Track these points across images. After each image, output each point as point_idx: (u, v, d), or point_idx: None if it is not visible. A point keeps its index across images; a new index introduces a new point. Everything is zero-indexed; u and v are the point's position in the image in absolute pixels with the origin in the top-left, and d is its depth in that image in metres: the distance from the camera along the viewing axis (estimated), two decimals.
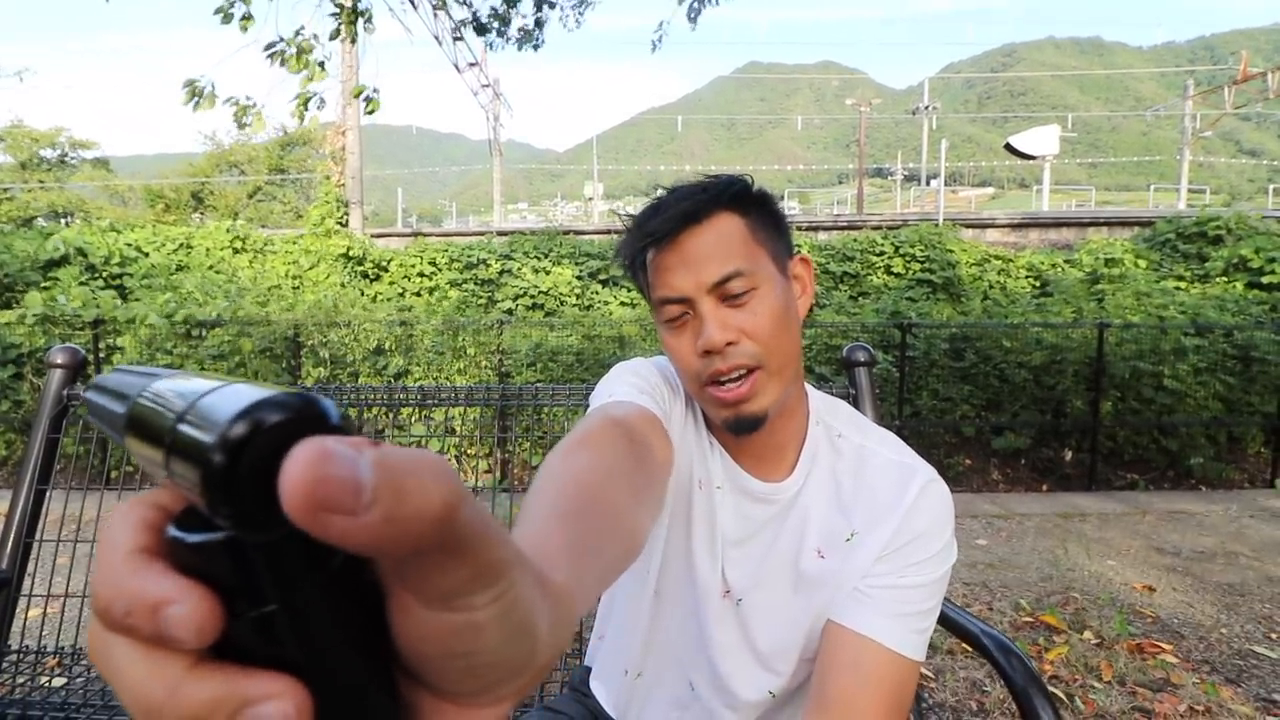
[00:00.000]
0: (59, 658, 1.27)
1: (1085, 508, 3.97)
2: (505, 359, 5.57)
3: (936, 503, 0.74)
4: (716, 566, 0.78)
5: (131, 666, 0.18)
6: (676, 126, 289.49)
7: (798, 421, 0.78)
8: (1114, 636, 2.36)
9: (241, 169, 28.86)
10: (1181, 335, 5.45)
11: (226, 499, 0.17)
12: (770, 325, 0.70)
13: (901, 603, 0.71)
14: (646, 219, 0.73)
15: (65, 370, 1.34)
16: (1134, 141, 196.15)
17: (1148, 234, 10.44)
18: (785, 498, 0.77)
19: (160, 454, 0.19)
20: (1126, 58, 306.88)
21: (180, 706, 0.18)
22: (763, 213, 0.74)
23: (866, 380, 1.30)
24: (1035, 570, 3.03)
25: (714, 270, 0.70)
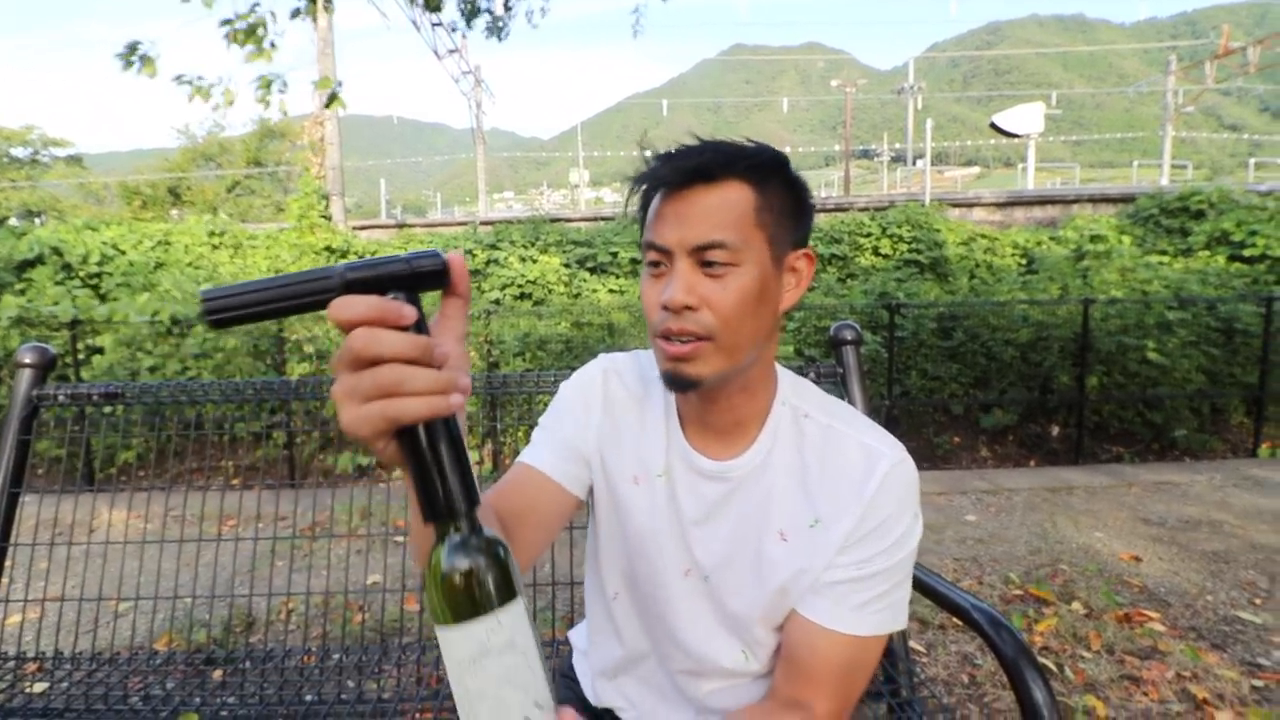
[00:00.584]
0: (40, 663, 1.25)
1: (1072, 481, 4.01)
2: (493, 348, 5.53)
3: (899, 487, 0.73)
4: (667, 546, 0.80)
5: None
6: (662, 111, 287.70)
7: (759, 401, 0.78)
8: (1102, 607, 2.39)
9: (218, 163, 28.39)
10: (1165, 309, 5.50)
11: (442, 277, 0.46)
12: (734, 304, 0.70)
13: (863, 592, 0.72)
14: (664, 161, 0.72)
15: (34, 370, 1.30)
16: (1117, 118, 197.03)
17: (1131, 210, 10.50)
18: (739, 474, 0.77)
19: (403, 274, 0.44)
20: (1109, 34, 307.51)
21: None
22: (781, 194, 0.73)
23: (854, 359, 1.29)
24: (1024, 544, 3.05)
25: (699, 234, 0.69)
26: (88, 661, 1.23)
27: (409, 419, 0.41)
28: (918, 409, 5.57)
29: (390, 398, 0.41)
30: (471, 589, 0.43)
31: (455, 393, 0.42)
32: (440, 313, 0.49)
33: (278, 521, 1.91)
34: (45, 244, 8.13)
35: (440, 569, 0.44)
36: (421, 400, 0.41)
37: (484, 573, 0.44)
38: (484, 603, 0.43)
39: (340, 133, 12.13)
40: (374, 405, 0.41)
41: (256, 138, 28.00)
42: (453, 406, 0.42)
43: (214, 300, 0.42)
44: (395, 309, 0.41)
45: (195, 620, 1.96)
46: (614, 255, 9.26)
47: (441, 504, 0.43)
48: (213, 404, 1.40)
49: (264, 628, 1.90)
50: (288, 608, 1.93)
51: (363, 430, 0.41)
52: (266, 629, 1.50)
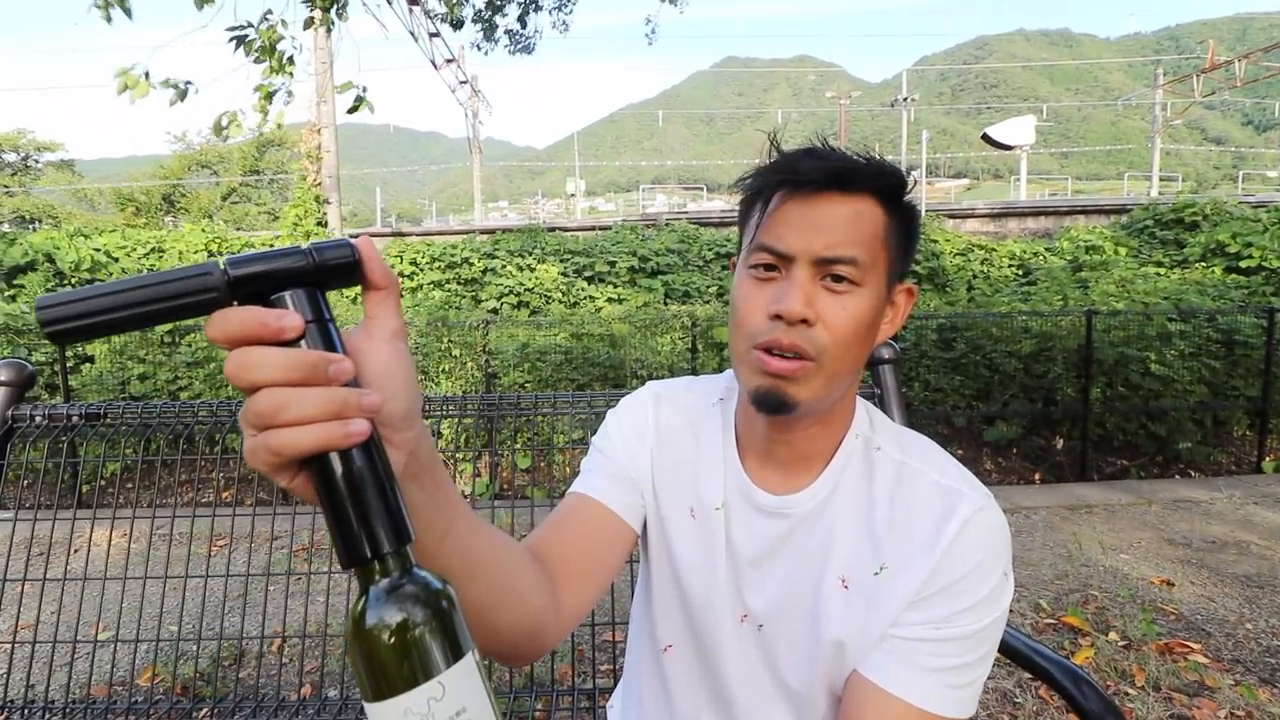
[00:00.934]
0: (7, 713, 1.14)
1: (1091, 499, 3.94)
2: (492, 359, 5.43)
3: (983, 537, 0.64)
4: (722, 589, 0.71)
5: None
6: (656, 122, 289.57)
7: (833, 433, 0.70)
8: (1140, 636, 2.31)
9: (214, 170, 28.28)
10: (1166, 321, 5.47)
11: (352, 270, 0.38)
12: (851, 328, 0.63)
13: (937, 656, 0.62)
14: (797, 159, 0.65)
15: (10, 388, 1.21)
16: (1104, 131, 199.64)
17: (1125, 221, 10.55)
18: (800, 512, 0.69)
19: (302, 269, 0.36)
20: (1095, 48, 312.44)
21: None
22: (903, 221, 0.67)
23: (893, 378, 1.21)
24: (1050, 567, 2.97)
25: (831, 245, 0.62)
26: (61, 710, 1.13)
27: (294, 453, 0.34)
28: (920, 421, 5.50)
29: (271, 429, 0.34)
30: (405, 650, 0.34)
31: (355, 417, 0.34)
32: (365, 312, 0.41)
33: (270, 543, 1.81)
34: (38, 250, 7.99)
35: (363, 629, 0.34)
36: (307, 430, 0.34)
37: (422, 628, 0.34)
38: (423, 666, 0.34)
39: (337, 141, 12.06)
40: (259, 438, 0.34)
41: (254, 146, 27.93)
42: (350, 436, 0.34)
43: (53, 308, 0.32)
44: (270, 323, 0.33)
45: (182, 653, 1.86)
46: (611, 264, 9.20)
47: (358, 545, 0.35)
48: (202, 424, 1.31)
49: (255, 660, 1.79)
50: (281, 636, 1.82)
51: (255, 463, 0.35)
52: (259, 662, 1.40)
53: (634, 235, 9.96)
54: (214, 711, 1.31)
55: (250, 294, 0.35)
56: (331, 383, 0.35)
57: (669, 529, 0.75)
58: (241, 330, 0.33)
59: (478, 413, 1.51)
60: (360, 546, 0.35)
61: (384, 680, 0.34)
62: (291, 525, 1.37)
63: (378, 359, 0.40)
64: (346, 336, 0.39)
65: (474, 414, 1.51)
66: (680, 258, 9.40)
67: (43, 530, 1.37)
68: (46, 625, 1.39)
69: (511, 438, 4.72)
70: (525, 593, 0.59)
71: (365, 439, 0.35)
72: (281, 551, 2.80)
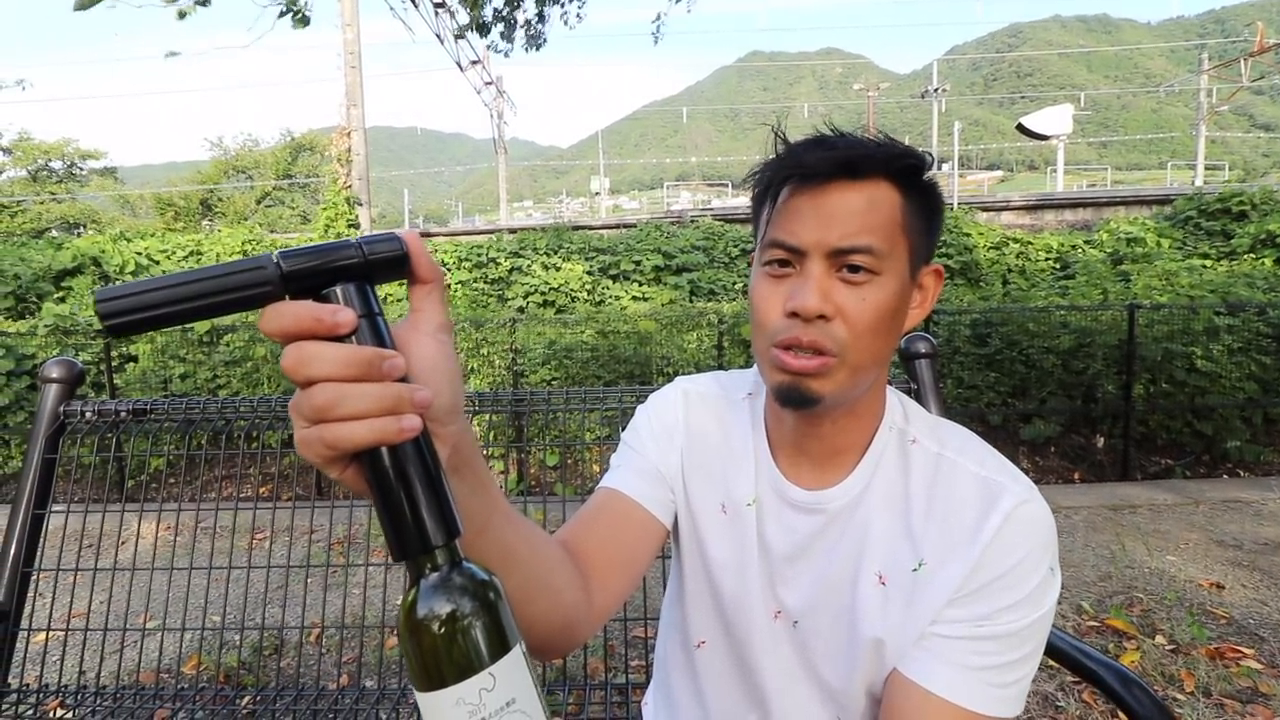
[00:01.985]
0: (62, 697, 1.19)
1: (1134, 498, 3.82)
2: (519, 357, 5.48)
3: (1028, 532, 0.61)
4: (754, 586, 0.70)
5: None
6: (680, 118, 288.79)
7: (865, 427, 0.69)
8: (1188, 641, 2.23)
9: (249, 174, 29.01)
10: (1213, 315, 5.28)
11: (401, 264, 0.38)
12: (872, 319, 0.61)
13: (980, 654, 0.60)
14: (803, 149, 0.63)
15: (61, 385, 1.25)
16: (1145, 119, 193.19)
17: (1169, 212, 10.20)
18: (834, 507, 0.68)
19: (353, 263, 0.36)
20: (1134, 34, 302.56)
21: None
22: (923, 203, 0.65)
23: (929, 373, 1.19)
24: (1092, 569, 2.89)
25: (844, 235, 0.60)
26: (112, 694, 1.17)
27: (349, 446, 0.34)
28: (953, 418, 5.30)
29: (326, 422, 0.34)
30: (456, 641, 0.34)
31: (408, 413, 0.35)
32: (410, 306, 0.41)
33: (309, 535, 1.86)
34: (84, 254, 8.29)
35: (415, 620, 0.35)
36: (362, 425, 0.34)
37: (472, 619, 0.35)
38: (474, 656, 0.34)
39: (367, 144, 12.26)
40: (312, 430, 0.35)
41: (286, 150, 28.58)
42: (404, 431, 0.35)
43: (112, 301, 0.33)
44: (324, 319, 0.34)
45: (224, 642, 1.92)
46: (637, 263, 9.20)
47: (411, 539, 0.36)
48: (243, 420, 1.34)
49: (294, 650, 1.84)
50: (319, 627, 1.86)
51: (308, 455, 0.36)
52: (298, 652, 1.43)
53: (659, 233, 9.94)
54: (256, 699, 1.34)
55: (302, 288, 0.35)
56: (385, 378, 0.35)
57: (700, 526, 0.74)
58: (296, 325, 0.34)
59: (506, 410, 1.52)
60: (412, 539, 0.36)
61: (436, 671, 0.34)
62: (330, 519, 1.39)
63: (424, 353, 0.40)
64: (394, 331, 0.39)
65: (502, 411, 1.52)
66: (706, 254, 9.36)
67: (92, 523, 1.42)
68: (96, 614, 1.44)
69: (539, 434, 4.75)
70: (559, 587, 0.59)
71: (417, 434, 0.35)
72: (319, 544, 2.86)
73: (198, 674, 1.84)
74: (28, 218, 26.57)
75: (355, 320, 0.35)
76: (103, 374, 5.27)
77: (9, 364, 5.36)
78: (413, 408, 0.35)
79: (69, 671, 1.75)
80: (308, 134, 28.09)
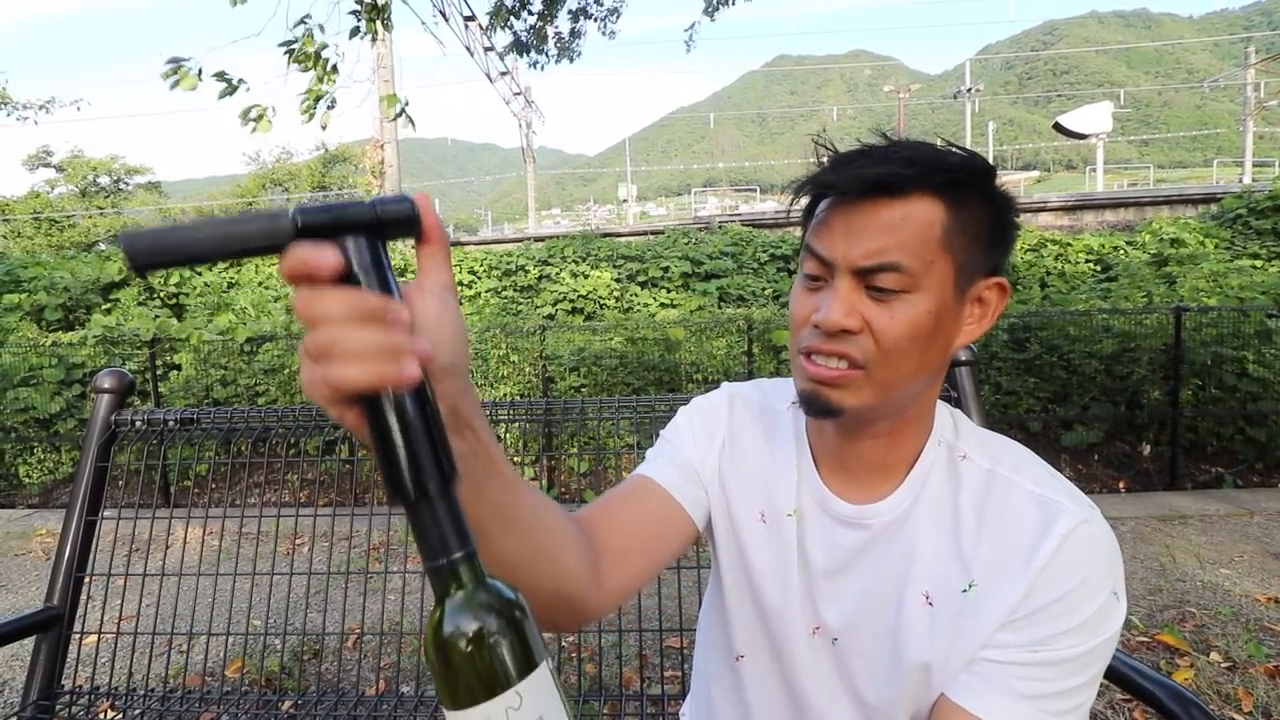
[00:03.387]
0: (112, 700, 1.23)
1: (1184, 509, 3.68)
2: (548, 364, 5.51)
3: (1087, 553, 0.58)
4: (795, 599, 0.69)
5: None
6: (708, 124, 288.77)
7: (910, 441, 0.67)
8: (1245, 658, 2.13)
9: (285, 187, 29.82)
10: (1265, 318, 5.07)
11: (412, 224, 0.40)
12: (901, 336, 0.59)
13: (1034, 680, 0.57)
14: (839, 164, 0.62)
15: (113, 395, 1.29)
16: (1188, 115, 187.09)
17: (1215, 211, 9.84)
18: (879, 523, 0.66)
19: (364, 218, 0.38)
20: (1176, 28, 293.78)
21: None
22: (980, 213, 0.61)
23: (970, 381, 1.16)
24: (1141, 581, 2.78)
25: (868, 253, 0.59)
26: (160, 697, 1.21)
27: (349, 387, 0.36)
28: (992, 426, 5.18)
29: (328, 361, 0.36)
30: (483, 660, 0.35)
31: (407, 360, 0.36)
32: (418, 267, 0.43)
33: (349, 541, 1.89)
34: None
35: (441, 638, 0.36)
36: (362, 367, 0.36)
37: (498, 637, 0.35)
38: (500, 676, 0.35)
39: (399, 156, 12.51)
40: (317, 369, 0.37)
41: (321, 163, 29.31)
42: (404, 376, 0.36)
43: (139, 241, 0.35)
44: (310, 258, 0.36)
45: (265, 647, 1.97)
46: (665, 270, 9.21)
47: (406, 482, 0.37)
48: (284, 428, 1.37)
49: (333, 655, 1.87)
50: (358, 633, 1.89)
51: (312, 394, 0.38)
52: (337, 657, 1.46)
53: (686, 239, 9.94)
54: (296, 704, 1.36)
55: (316, 240, 0.37)
56: (388, 326, 0.36)
57: (741, 534, 0.73)
58: (293, 265, 0.36)
59: (536, 417, 1.53)
60: (404, 482, 0.37)
61: (464, 689, 0.35)
62: (369, 525, 1.42)
63: (428, 309, 0.41)
64: (401, 289, 0.41)
65: (532, 418, 1.53)
66: (734, 260, 9.32)
67: (139, 529, 1.46)
68: (144, 618, 1.47)
69: (568, 441, 4.78)
70: (561, 554, 0.59)
71: (417, 382, 0.37)
72: (356, 550, 2.91)
73: (240, 677, 1.88)
74: (77, 232, 27.70)
75: (339, 262, 0.37)
76: (148, 382, 5.46)
77: (59, 373, 5.58)
78: (413, 357, 0.37)
79: (118, 673, 1.81)
80: (340, 146, 28.80)
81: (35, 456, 5.64)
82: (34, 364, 5.58)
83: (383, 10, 3.68)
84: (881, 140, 0.63)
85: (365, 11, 3.57)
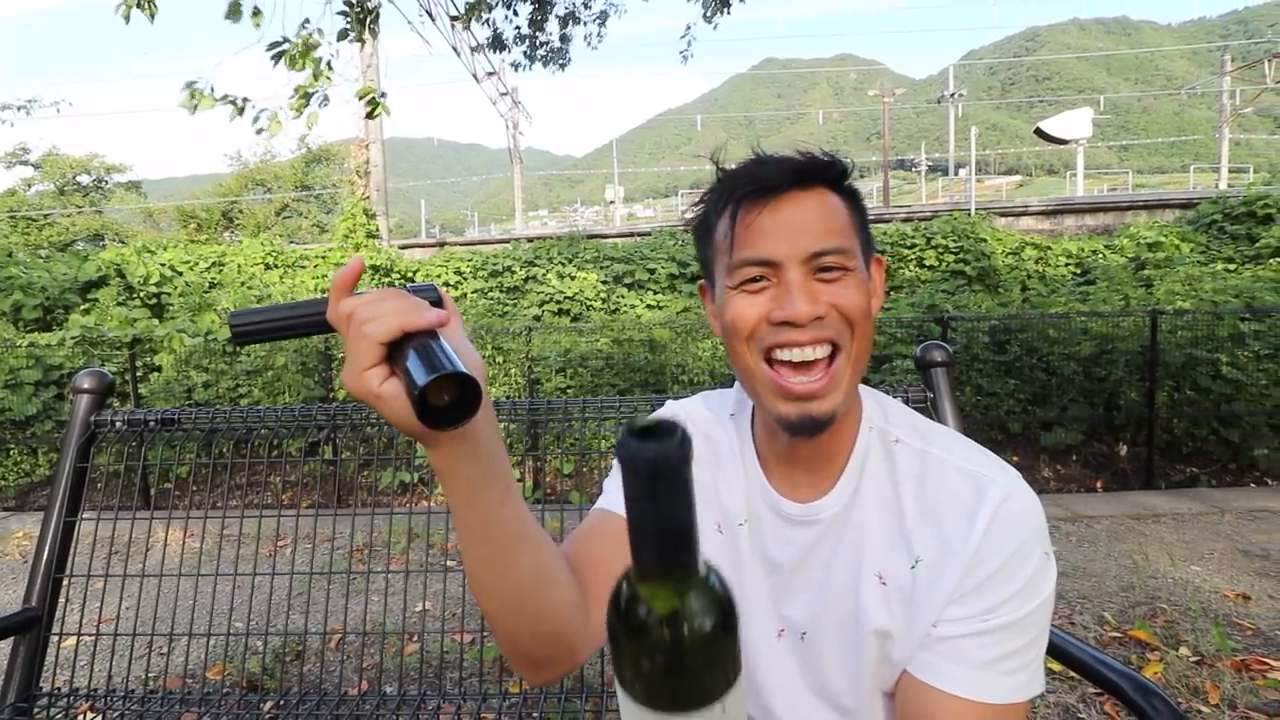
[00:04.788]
0: (91, 701, 1.22)
1: (1158, 508, 3.76)
2: (535, 365, 5.51)
3: (1017, 521, 0.62)
4: (753, 605, 0.71)
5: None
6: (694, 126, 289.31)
7: (848, 428, 0.70)
8: (1214, 652, 2.18)
9: (268, 187, 29.48)
10: (1238, 320, 5.19)
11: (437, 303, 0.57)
12: (862, 306, 0.65)
13: (987, 647, 0.61)
14: (751, 167, 0.67)
15: (92, 395, 1.28)
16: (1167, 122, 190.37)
17: (1191, 216, 10.04)
18: (828, 516, 0.68)
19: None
20: (1155, 36, 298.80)
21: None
22: (856, 203, 0.70)
23: (945, 381, 1.19)
24: (1114, 579, 2.84)
25: (815, 241, 0.64)
26: (140, 699, 1.20)
27: (383, 333, 0.48)
28: (973, 427, 5.33)
29: (367, 322, 0.48)
30: (705, 666, 0.31)
31: (427, 312, 0.49)
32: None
33: (331, 543, 1.89)
34: (109, 266, 8.47)
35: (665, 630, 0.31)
36: (392, 316, 0.48)
37: (726, 636, 0.32)
38: (719, 685, 0.31)
39: (384, 155, 12.43)
40: (356, 330, 0.49)
41: (303, 162, 28.99)
42: (425, 319, 0.48)
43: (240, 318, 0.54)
44: (352, 267, 0.53)
45: (248, 648, 1.95)
46: (651, 271, 9.23)
47: (422, 392, 0.44)
48: (266, 429, 1.37)
49: (316, 656, 1.86)
50: (340, 634, 1.89)
51: (358, 357, 0.48)
52: (320, 658, 1.45)
53: (673, 241, 9.97)
54: (278, 705, 1.36)
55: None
56: (406, 299, 0.49)
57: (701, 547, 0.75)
58: (340, 276, 0.52)
59: (521, 418, 1.54)
60: (422, 391, 0.44)
61: (678, 692, 0.32)
62: (351, 526, 1.42)
63: (455, 337, 0.52)
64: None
65: (518, 419, 1.54)
66: None
67: (119, 530, 1.45)
68: (124, 620, 1.46)
69: (554, 443, 4.77)
70: (564, 583, 0.61)
71: (441, 323, 0.48)
72: (339, 552, 2.90)
73: (222, 679, 1.86)
74: (55, 231, 27.20)
75: (361, 262, 0.53)
76: (128, 383, 5.38)
77: (37, 374, 5.49)
78: (434, 316, 0.48)
79: (98, 676, 1.78)
80: (322, 145, 28.52)
81: (11, 459, 5.54)
82: (11, 365, 5.48)
83: (372, 13, 3.66)
84: (760, 153, 0.69)
85: (354, 14, 3.55)
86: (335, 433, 2.05)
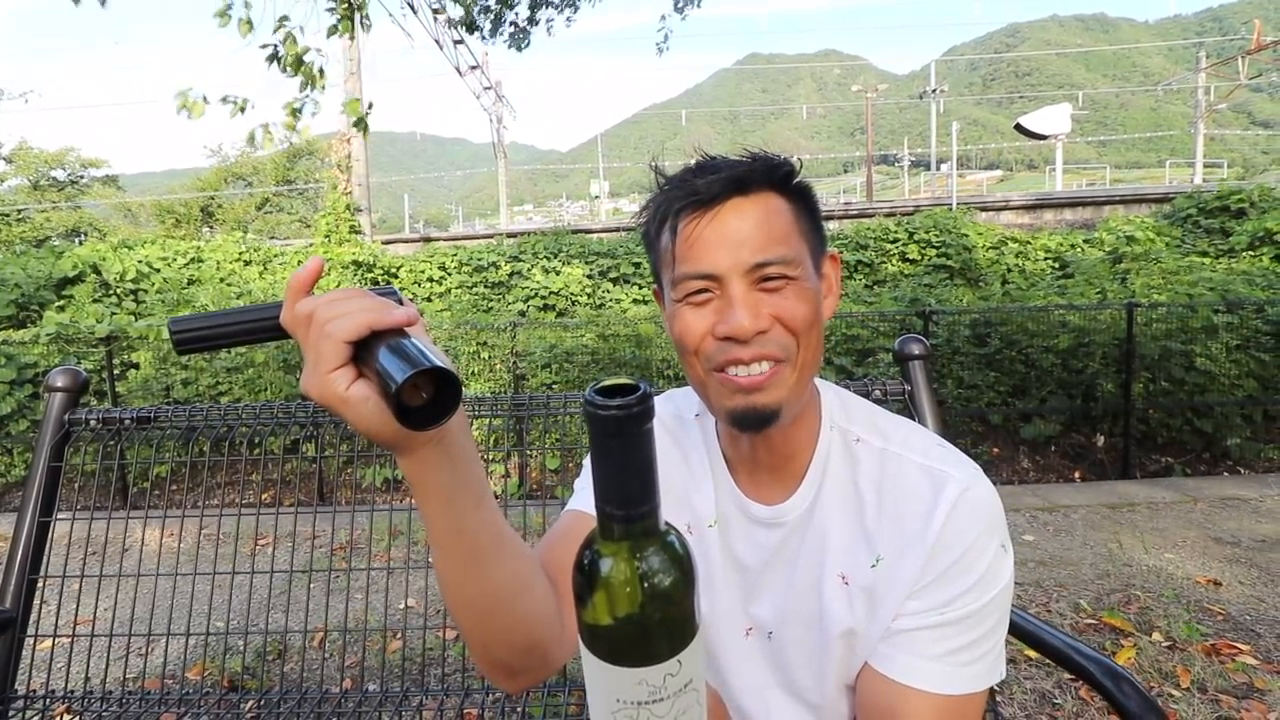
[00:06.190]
0: (68, 703, 1.20)
1: (1133, 496, 3.83)
2: (520, 361, 5.49)
3: (973, 515, 0.63)
4: (723, 605, 0.72)
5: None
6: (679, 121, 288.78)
7: (809, 427, 0.70)
8: (1185, 637, 2.24)
9: (248, 181, 29.05)
10: (1212, 313, 5.29)
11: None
12: (808, 317, 0.64)
13: (944, 639, 0.62)
14: (688, 176, 0.66)
15: (66, 393, 1.26)
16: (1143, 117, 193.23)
17: (1168, 210, 10.21)
18: (793, 518, 0.69)
19: None
20: (1132, 33, 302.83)
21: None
22: (805, 202, 0.68)
23: (923, 374, 1.20)
24: (1090, 566, 2.90)
25: (755, 252, 0.63)
26: (118, 700, 1.19)
27: (349, 330, 0.45)
28: (955, 419, 5.40)
29: (333, 321, 0.46)
30: (662, 621, 0.33)
31: (395, 310, 0.47)
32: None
33: (312, 541, 1.88)
34: (85, 262, 8.31)
35: (626, 586, 0.33)
36: (359, 314, 0.46)
37: (685, 592, 0.34)
38: (675, 639, 0.33)
39: (367, 150, 12.29)
40: (319, 330, 0.46)
41: (285, 157, 28.60)
42: (393, 317, 0.46)
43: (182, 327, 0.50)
44: (308, 269, 0.51)
45: (228, 647, 1.93)
46: (636, 266, 9.22)
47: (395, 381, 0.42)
48: (246, 426, 1.36)
49: (298, 655, 1.85)
50: (322, 632, 1.87)
51: (321, 358, 0.46)
52: (301, 657, 1.44)
53: None
54: (260, 704, 1.35)
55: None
56: (369, 297, 0.47)
57: None
58: (296, 278, 0.50)
59: (507, 413, 1.53)
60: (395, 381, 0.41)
61: (631, 647, 0.33)
62: (333, 524, 1.41)
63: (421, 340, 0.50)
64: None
65: (503, 414, 1.54)
66: None
67: (96, 530, 1.43)
68: (101, 621, 1.45)
69: (540, 438, 4.76)
70: (540, 589, 0.59)
71: (410, 322, 0.46)
72: (321, 550, 2.88)
73: (202, 679, 1.84)
74: (29, 226, 26.63)
75: (320, 264, 0.50)
76: (104, 381, 5.29)
77: (11, 373, 5.38)
78: (403, 314, 0.46)
79: (75, 678, 1.76)
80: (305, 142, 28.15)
81: None
82: None
83: (360, 8, 3.63)
84: (705, 156, 0.68)
85: (341, 10, 3.52)
86: (317, 430, 2.03)
